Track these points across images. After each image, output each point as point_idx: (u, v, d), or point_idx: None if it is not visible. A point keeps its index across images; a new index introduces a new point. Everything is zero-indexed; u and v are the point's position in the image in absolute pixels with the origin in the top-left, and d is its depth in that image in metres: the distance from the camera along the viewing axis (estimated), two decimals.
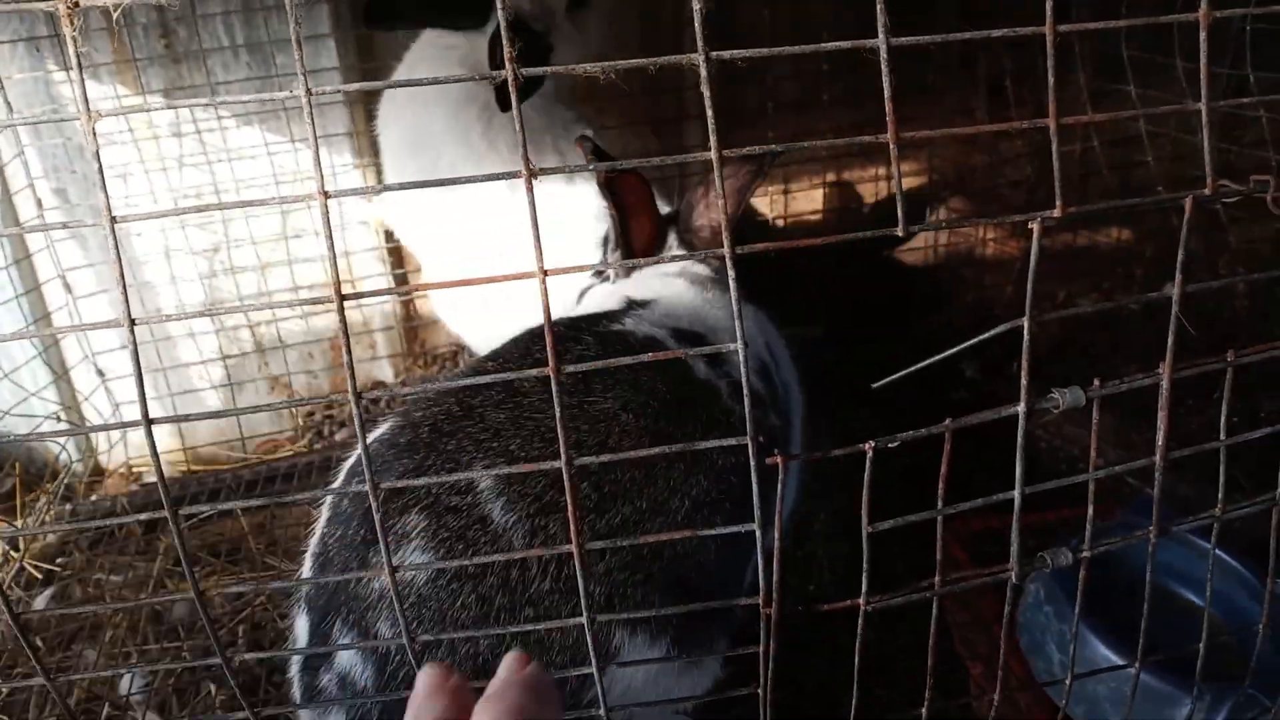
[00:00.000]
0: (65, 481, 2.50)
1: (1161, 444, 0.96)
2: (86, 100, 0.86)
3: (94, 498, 2.47)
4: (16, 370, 2.48)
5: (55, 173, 2.57)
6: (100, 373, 2.62)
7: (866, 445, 0.87)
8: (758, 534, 0.89)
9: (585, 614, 0.88)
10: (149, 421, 0.86)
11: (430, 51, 2.33)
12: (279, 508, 2.29)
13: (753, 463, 0.86)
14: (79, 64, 0.84)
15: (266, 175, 2.66)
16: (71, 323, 2.61)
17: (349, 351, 0.85)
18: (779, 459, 0.86)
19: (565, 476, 0.84)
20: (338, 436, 2.71)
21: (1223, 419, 1.02)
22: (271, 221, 2.71)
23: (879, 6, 0.87)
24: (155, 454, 0.86)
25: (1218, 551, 1.81)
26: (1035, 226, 0.87)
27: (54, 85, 2.52)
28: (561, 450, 0.84)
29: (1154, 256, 3.21)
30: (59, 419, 2.58)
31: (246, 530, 2.18)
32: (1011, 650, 1.83)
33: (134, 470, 2.65)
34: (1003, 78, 2.98)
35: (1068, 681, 1.06)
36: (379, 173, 2.69)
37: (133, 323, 0.87)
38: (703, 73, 0.89)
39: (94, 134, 0.84)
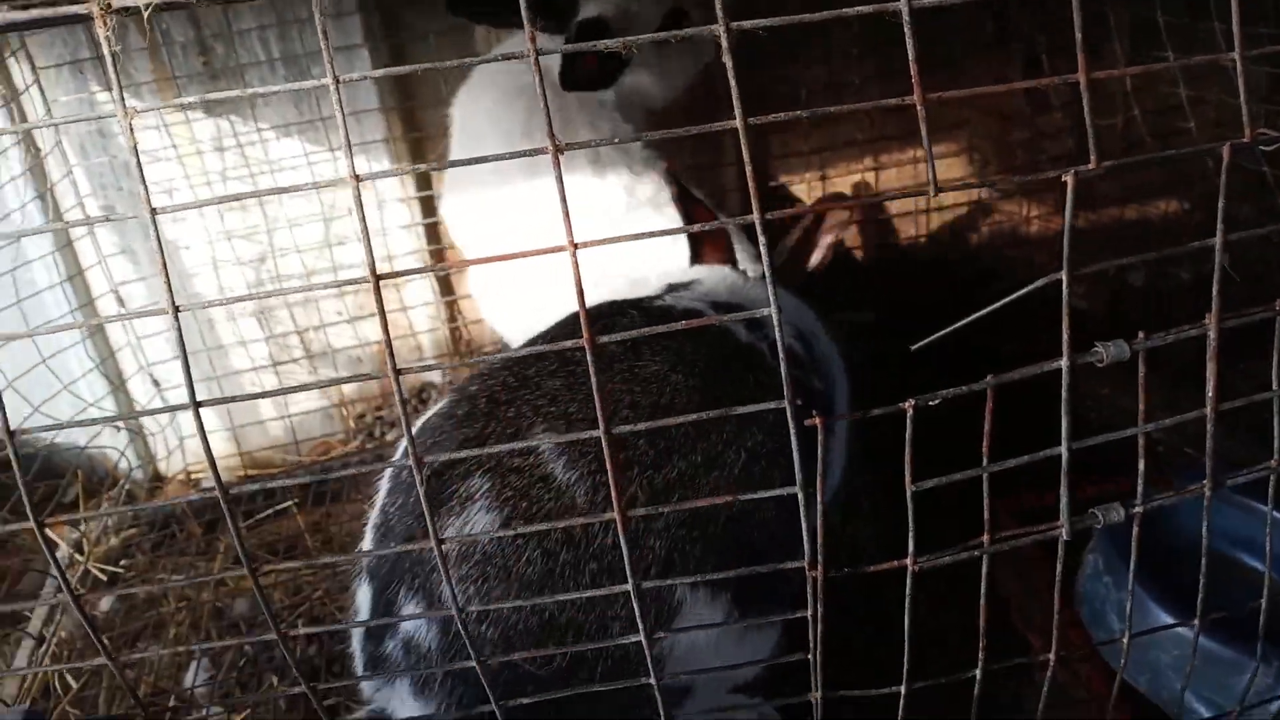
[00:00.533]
0: (126, 488, 2.56)
1: (1211, 395, 0.95)
2: (123, 98, 0.88)
3: (154, 502, 2.53)
4: (75, 382, 2.55)
5: (103, 190, 2.63)
6: (156, 383, 2.69)
7: (907, 404, 0.87)
8: (800, 496, 0.90)
9: (630, 580, 0.89)
10: (197, 404, 0.89)
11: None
12: (334, 506, 2.33)
13: (791, 426, 0.87)
14: (114, 61, 0.87)
15: (308, 183, 2.70)
16: (126, 339, 2.68)
17: (386, 329, 0.86)
18: (818, 420, 0.86)
19: (605, 445, 0.85)
20: (389, 436, 2.75)
21: (1274, 369, 1.00)
22: (315, 230, 2.76)
23: None
24: (204, 434, 0.89)
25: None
26: (1070, 179, 0.87)
27: (98, 105, 2.59)
28: (600, 418, 0.85)
29: (1202, 224, 3.15)
30: (118, 428, 2.65)
31: (303, 528, 2.22)
32: (1072, 621, 1.81)
33: (192, 476, 2.71)
34: (1038, 52, 2.94)
35: (1125, 642, 1.04)
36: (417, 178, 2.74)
37: (176, 309, 0.90)
38: (724, 43, 0.90)
39: (131, 129, 0.87)
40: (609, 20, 2.23)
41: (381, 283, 0.89)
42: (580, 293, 0.86)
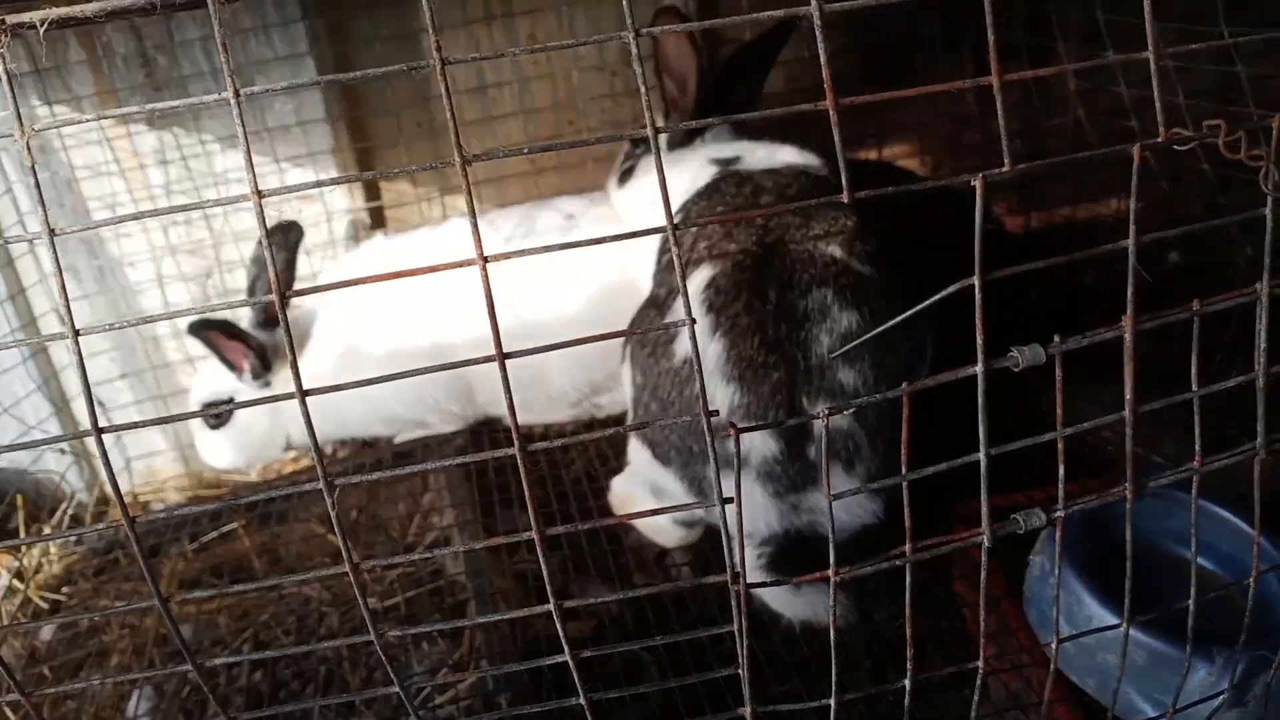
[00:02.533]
0: (70, 512, 2.52)
1: (1130, 397, 0.94)
2: (19, 116, 0.86)
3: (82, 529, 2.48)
4: (18, 404, 2.50)
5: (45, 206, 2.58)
6: (100, 403, 2.64)
7: (821, 413, 0.86)
8: (720, 509, 0.88)
9: None
10: (99, 431, 0.87)
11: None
12: (282, 527, 2.30)
13: (708, 437, 0.85)
14: (8, 78, 0.85)
15: (209, 200, 2.68)
16: (69, 359, 2.63)
17: (293, 352, 0.84)
18: (731, 431, 0.85)
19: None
20: (340, 453, 2.71)
21: (1193, 369, 1.00)
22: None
23: None
24: (107, 462, 0.86)
25: (1232, 516, 1.81)
26: (978, 183, 0.86)
27: (38, 120, 2.53)
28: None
29: (1154, 224, 3.16)
30: (63, 451, 2.60)
31: (251, 549, 2.18)
32: (1021, 625, 1.81)
33: (139, 499, 2.66)
34: (988, 56, 2.95)
35: (1054, 645, 1.04)
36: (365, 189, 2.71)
37: (76, 333, 0.88)
38: (634, 49, 0.88)
39: (29, 149, 0.85)
40: None
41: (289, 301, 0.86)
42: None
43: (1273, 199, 0.93)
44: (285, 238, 2.50)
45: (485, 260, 0.85)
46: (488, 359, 0.84)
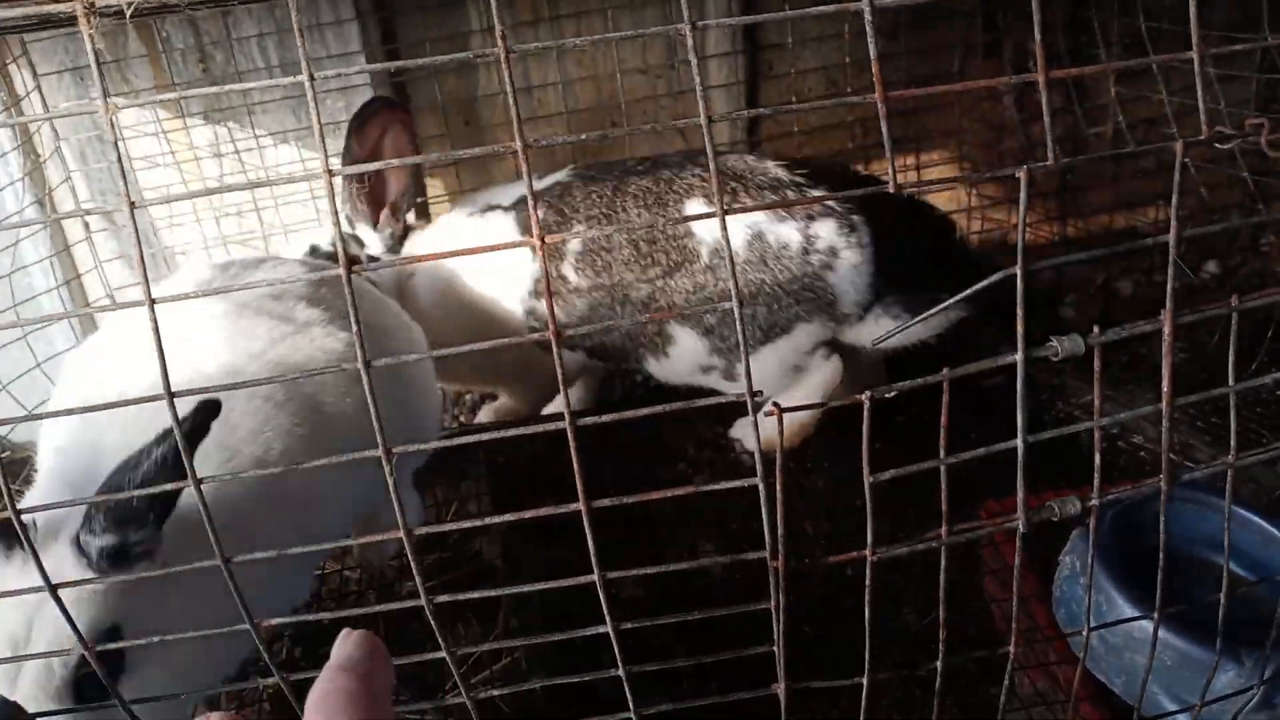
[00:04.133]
0: None
1: (1167, 389, 0.97)
2: (106, 93, 0.91)
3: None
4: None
5: (102, 196, 2.67)
6: None
7: (864, 395, 0.89)
8: (760, 489, 0.91)
9: None
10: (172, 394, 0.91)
11: None
12: None
13: (751, 416, 0.89)
14: (96, 60, 0.89)
15: (304, 190, 2.74)
16: None
17: (357, 320, 0.89)
18: (776, 411, 0.88)
19: None
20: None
21: (1230, 366, 1.01)
22: (311, 236, 2.78)
23: None
24: (177, 422, 0.91)
25: (1263, 522, 1.81)
26: (1022, 174, 0.89)
27: (99, 113, 2.62)
28: None
29: (1192, 236, 3.16)
30: None
31: None
32: (1049, 623, 1.82)
33: None
34: (1027, 61, 2.97)
35: (1085, 634, 1.06)
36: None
37: (153, 302, 0.92)
38: (689, 41, 0.92)
39: (112, 124, 0.89)
40: None
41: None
42: (548, 285, 0.88)
43: None
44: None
45: (544, 240, 0.89)
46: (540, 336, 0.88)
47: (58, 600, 0.93)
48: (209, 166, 2.69)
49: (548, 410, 2.77)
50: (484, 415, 2.84)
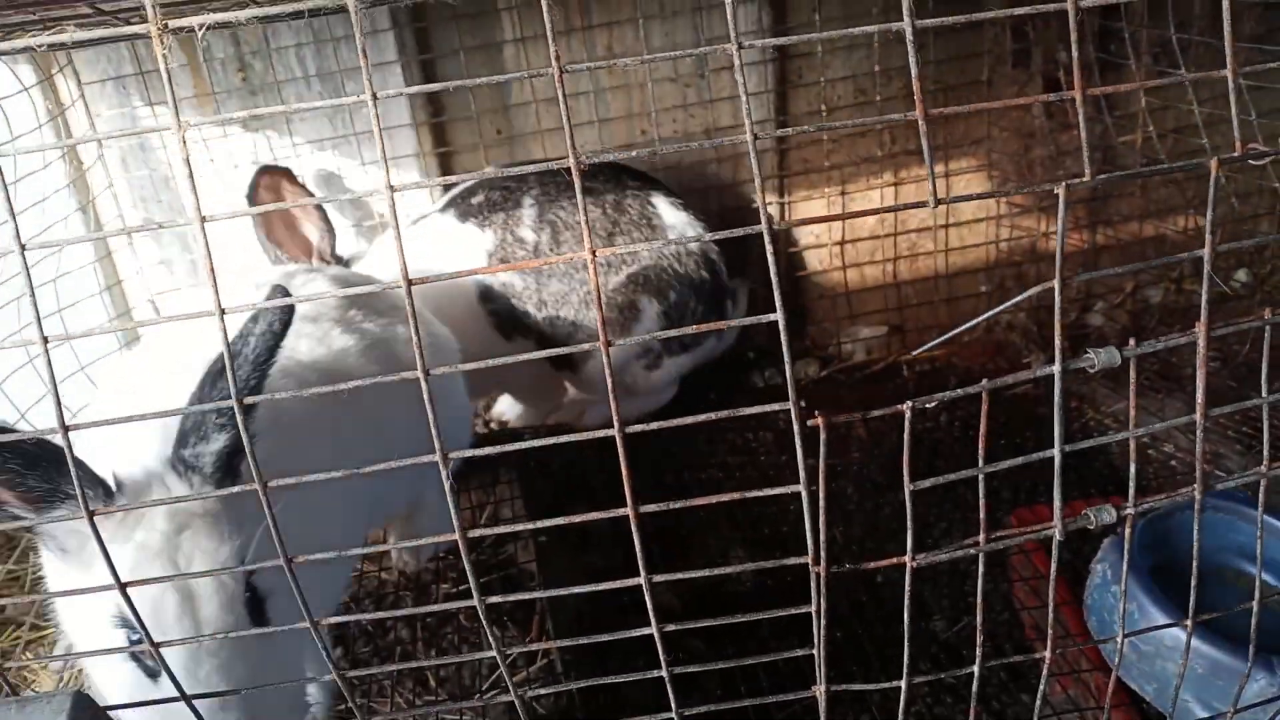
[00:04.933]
0: None
1: (1201, 399, 0.99)
2: (178, 112, 0.95)
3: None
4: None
5: (143, 203, 2.73)
6: None
7: (905, 406, 0.91)
8: (804, 496, 0.94)
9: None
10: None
11: None
12: None
13: (795, 426, 0.91)
14: (169, 79, 0.93)
15: (341, 190, 2.80)
16: None
17: (417, 332, 0.92)
18: (820, 420, 0.90)
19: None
20: None
21: (1263, 376, 1.03)
22: (351, 244, 2.84)
23: None
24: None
25: None
26: (1061, 191, 0.91)
27: (139, 120, 2.68)
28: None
29: (1221, 243, 3.17)
30: None
31: None
32: (1081, 632, 1.83)
33: None
34: (1057, 71, 2.98)
35: (1119, 640, 1.08)
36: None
37: (223, 312, 0.96)
38: (736, 60, 0.95)
39: (184, 141, 0.93)
40: None
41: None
42: (598, 294, 0.91)
43: None
44: None
45: (594, 253, 0.92)
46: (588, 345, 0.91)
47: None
48: (249, 175, 2.74)
49: (557, 417, 2.83)
50: (513, 419, 2.88)
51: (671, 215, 2.63)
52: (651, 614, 1.02)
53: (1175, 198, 3.20)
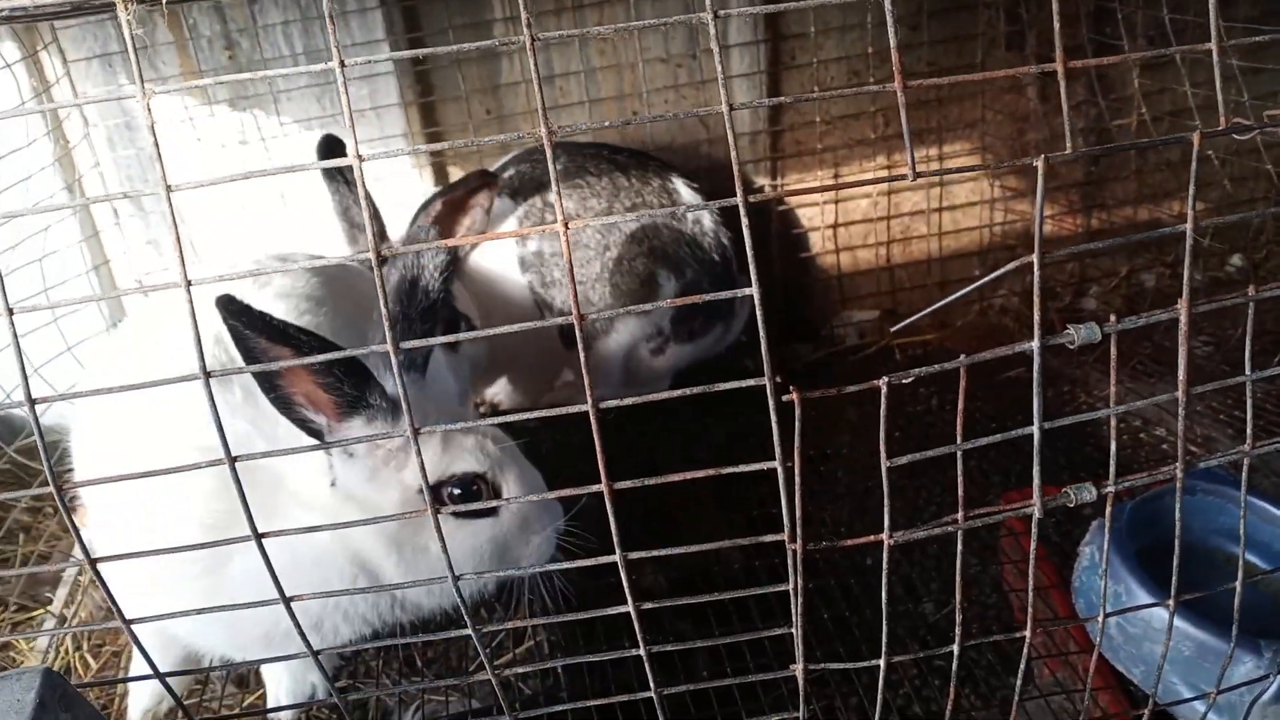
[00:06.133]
0: None
1: (1183, 378, 0.97)
2: (143, 78, 0.93)
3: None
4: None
5: (129, 182, 2.70)
6: None
7: (880, 381, 0.90)
8: (779, 470, 0.93)
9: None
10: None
11: None
12: None
13: (770, 402, 0.90)
14: (134, 44, 0.91)
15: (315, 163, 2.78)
16: None
17: (386, 304, 0.91)
18: (795, 395, 0.89)
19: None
20: None
21: (1247, 355, 1.02)
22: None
23: None
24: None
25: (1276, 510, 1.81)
26: (1040, 164, 0.89)
27: (126, 99, 2.66)
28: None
29: (1216, 228, 3.16)
30: None
31: None
32: (1071, 615, 1.83)
33: None
34: (1051, 53, 2.96)
35: (1100, 619, 1.07)
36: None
37: (189, 284, 0.95)
38: (711, 30, 0.93)
39: (149, 109, 0.92)
40: None
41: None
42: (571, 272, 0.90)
43: None
44: None
45: (566, 225, 0.91)
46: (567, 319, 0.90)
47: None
48: (235, 154, 2.72)
49: (548, 398, 2.83)
50: (506, 402, 2.88)
51: (689, 195, 2.65)
52: (627, 590, 1.01)
53: (1170, 182, 3.19)
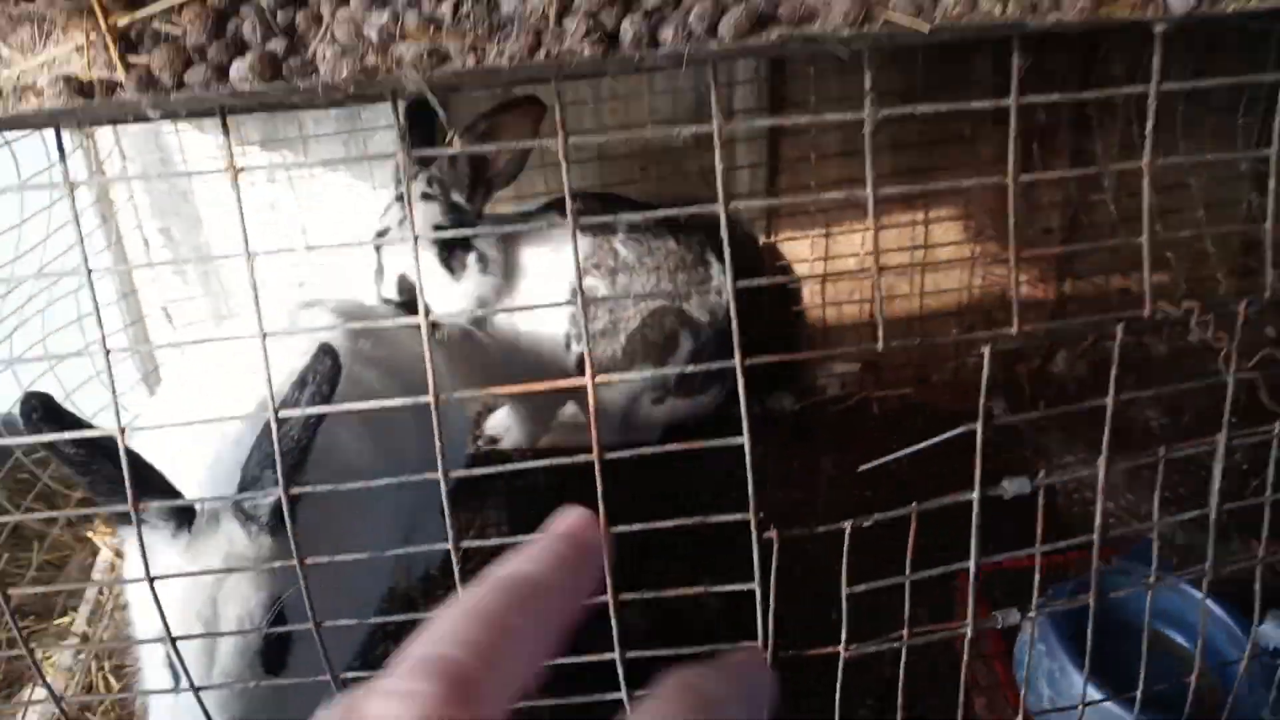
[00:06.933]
0: None
1: (1103, 461, 1.15)
2: (233, 156, 1.04)
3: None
4: (124, 394, 2.77)
5: (161, 215, 2.86)
6: None
7: (846, 524, 1.08)
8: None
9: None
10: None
11: None
12: None
13: (753, 536, 1.07)
14: (230, 149, 1.07)
15: (351, 210, 2.95)
16: (169, 352, 2.90)
17: (430, 359, 1.07)
18: (774, 534, 1.06)
19: None
20: None
21: (1218, 464, 1.20)
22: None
23: (866, 81, 0.99)
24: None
25: (1210, 600, 1.98)
26: (986, 351, 1.07)
27: (162, 135, 2.81)
28: None
29: (1187, 296, 3.33)
30: None
31: None
32: (1009, 683, 2.00)
33: None
34: (1035, 130, 3.14)
35: (1022, 693, 1.25)
36: None
37: (265, 336, 1.11)
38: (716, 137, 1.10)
39: (236, 185, 1.02)
40: None
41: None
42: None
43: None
44: None
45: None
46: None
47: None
48: (264, 190, 2.88)
49: (548, 439, 2.99)
50: (505, 441, 3.03)
51: (717, 269, 2.81)
52: (616, 639, 1.17)
53: (1138, 252, 3.35)
